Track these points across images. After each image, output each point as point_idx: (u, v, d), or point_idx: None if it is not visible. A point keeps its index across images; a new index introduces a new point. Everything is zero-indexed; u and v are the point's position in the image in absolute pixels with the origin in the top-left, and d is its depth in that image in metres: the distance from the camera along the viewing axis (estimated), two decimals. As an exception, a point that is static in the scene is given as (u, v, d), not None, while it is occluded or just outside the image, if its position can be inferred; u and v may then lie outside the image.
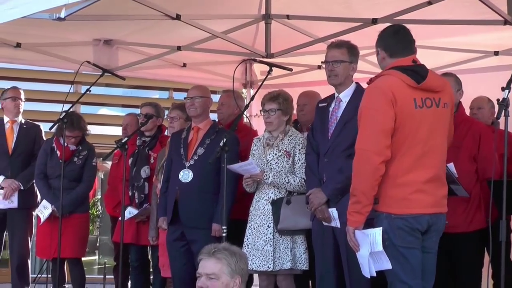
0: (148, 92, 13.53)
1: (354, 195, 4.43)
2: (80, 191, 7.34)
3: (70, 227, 7.18)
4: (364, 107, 4.46)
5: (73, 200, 7.23)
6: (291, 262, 5.68)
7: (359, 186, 4.41)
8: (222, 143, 5.39)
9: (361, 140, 4.41)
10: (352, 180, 4.43)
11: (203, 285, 4.07)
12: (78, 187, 7.32)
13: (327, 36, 7.07)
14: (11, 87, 7.86)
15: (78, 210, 7.32)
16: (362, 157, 4.39)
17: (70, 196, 7.15)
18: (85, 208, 7.55)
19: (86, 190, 7.50)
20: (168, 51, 8.08)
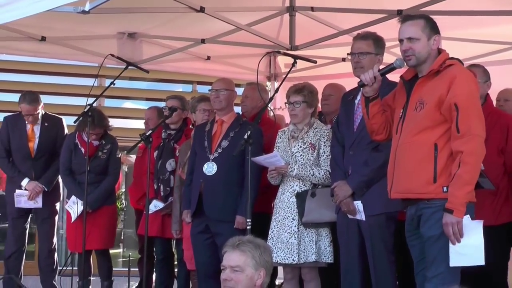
0: (172, 85, 13.53)
1: (471, 184, 4.23)
2: (107, 184, 7.38)
3: (99, 219, 7.25)
4: (467, 93, 4.31)
5: (101, 194, 7.29)
6: (315, 255, 5.66)
7: (477, 174, 4.29)
8: (247, 136, 5.37)
9: (476, 127, 4.26)
10: (470, 167, 4.20)
11: (227, 277, 4.07)
12: (104, 180, 7.36)
13: (352, 28, 7.03)
14: (26, 102, 7.52)
15: (106, 202, 7.37)
16: (482, 145, 4.27)
17: (98, 191, 7.22)
18: (113, 199, 7.59)
19: (113, 183, 7.53)
20: (192, 44, 8.08)
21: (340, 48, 7.75)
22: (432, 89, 4.36)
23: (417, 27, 4.42)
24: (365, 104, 4.67)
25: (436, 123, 4.34)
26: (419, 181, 4.35)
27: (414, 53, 4.40)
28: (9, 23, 6.10)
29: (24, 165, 7.57)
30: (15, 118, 7.73)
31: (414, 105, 4.42)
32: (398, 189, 4.48)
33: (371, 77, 4.51)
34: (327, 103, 6.58)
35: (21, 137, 7.59)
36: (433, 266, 4.36)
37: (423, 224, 4.39)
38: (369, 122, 4.74)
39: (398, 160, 4.46)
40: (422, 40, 4.40)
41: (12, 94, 12.51)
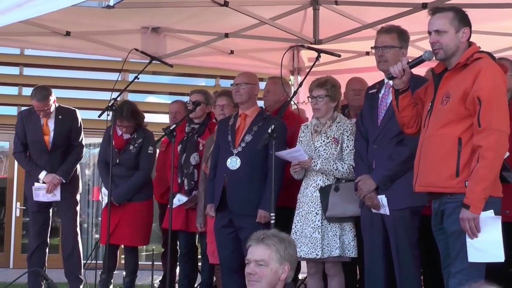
0: (195, 80, 13.57)
1: (488, 179, 4.19)
2: (136, 179, 7.39)
3: (129, 215, 7.29)
4: (491, 87, 4.26)
5: (129, 188, 7.31)
6: (339, 249, 5.65)
7: (496, 170, 4.26)
8: (271, 130, 5.37)
9: (497, 121, 4.21)
10: (488, 162, 4.16)
11: (252, 271, 4.07)
12: (135, 175, 7.39)
13: (376, 22, 6.99)
14: (36, 99, 7.49)
15: (137, 198, 7.39)
16: (502, 140, 4.23)
17: (126, 185, 7.25)
18: (146, 195, 7.56)
19: (143, 178, 7.49)
20: (216, 38, 8.08)
21: (364, 42, 7.71)
22: (458, 83, 4.33)
23: (445, 19, 4.38)
24: (395, 96, 4.66)
25: (461, 117, 4.31)
26: (442, 175, 4.33)
27: (442, 46, 4.37)
28: (34, 18, 6.16)
29: (41, 158, 7.61)
30: (29, 112, 7.77)
31: (441, 99, 4.40)
32: (422, 183, 4.48)
33: (400, 69, 4.50)
34: (359, 97, 6.55)
35: (36, 131, 7.62)
36: (456, 262, 4.35)
37: (446, 219, 4.38)
38: (399, 115, 4.72)
39: (424, 153, 4.46)
40: (450, 32, 4.37)
41: (37, 88, 12.59)
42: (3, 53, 12.49)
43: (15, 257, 12.24)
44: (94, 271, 7.53)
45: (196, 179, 7.12)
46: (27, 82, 13.06)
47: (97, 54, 9.43)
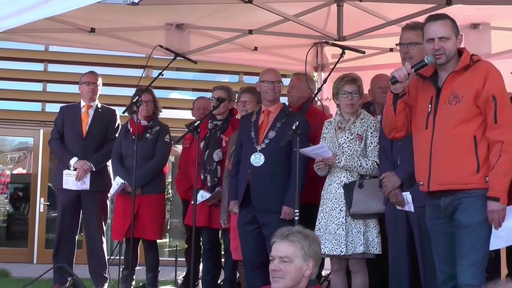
0: (218, 76, 13.57)
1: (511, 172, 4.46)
2: (152, 165, 7.40)
3: (145, 208, 7.27)
4: (502, 86, 4.55)
5: (145, 174, 7.27)
6: (363, 246, 5.65)
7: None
8: (295, 126, 5.37)
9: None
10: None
11: (276, 268, 4.08)
12: (150, 162, 7.39)
13: (400, 19, 6.97)
14: (88, 71, 7.98)
15: (152, 189, 7.39)
16: None
17: (141, 171, 7.17)
18: (160, 188, 7.60)
19: (158, 165, 7.52)
20: (240, 34, 8.09)
21: (387, 38, 7.71)
22: (467, 83, 4.52)
23: (447, 27, 4.59)
24: (393, 101, 4.70)
25: (473, 116, 4.49)
26: (463, 172, 4.46)
27: (445, 51, 4.56)
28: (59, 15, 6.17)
29: (75, 145, 7.68)
30: (71, 106, 7.95)
31: (446, 99, 4.55)
32: (440, 181, 4.54)
33: (405, 73, 4.56)
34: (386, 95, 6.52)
35: (75, 120, 7.75)
36: (470, 254, 4.46)
37: (461, 212, 4.49)
38: (394, 119, 4.77)
39: (437, 153, 4.54)
40: (452, 39, 4.60)
41: (62, 85, 12.72)
42: (28, 50, 12.59)
43: (39, 252, 12.32)
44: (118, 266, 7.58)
45: (219, 175, 7.13)
46: (51, 78, 13.17)
47: (121, 51, 9.48)
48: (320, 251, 4.25)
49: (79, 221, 7.81)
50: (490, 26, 7.50)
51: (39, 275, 4.85)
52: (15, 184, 13.40)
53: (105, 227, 7.86)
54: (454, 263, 4.58)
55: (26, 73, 13.13)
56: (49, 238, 11.95)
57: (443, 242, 4.65)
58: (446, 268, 4.65)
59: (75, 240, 7.81)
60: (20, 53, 12.67)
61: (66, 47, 10.83)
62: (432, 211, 4.70)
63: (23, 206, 13.10)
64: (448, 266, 4.62)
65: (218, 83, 8.89)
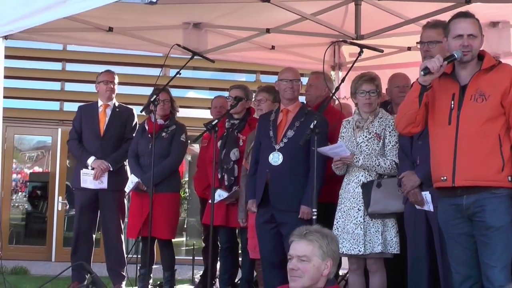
0: (235, 75, 13.58)
1: None
2: (167, 164, 7.40)
3: (159, 206, 7.24)
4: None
5: (159, 172, 7.24)
6: (382, 245, 5.63)
7: None
8: (313, 125, 5.36)
9: None
10: None
11: (294, 267, 4.07)
12: (164, 161, 7.38)
13: (418, 17, 6.96)
14: (105, 70, 8.00)
15: (166, 188, 7.37)
16: None
17: (156, 169, 7.13)
18: (174, 187, 7.61)
19: (173, 164, 7.51)
20: (257, 33, 8.08)
21: (405, 37, 7.68)
22: (494, 82, 4.56)
23: (476, 25, 4.66)
24: (420, 92, 4.68)
25: (498, 114, 4.54)
26: (491, 169, 4.49)
27: (472, 49, 4.61)
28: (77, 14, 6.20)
29: (92, 144, 7.70)
30: (88, 106, 7.99)
31: (471, 96, 4.57)
32: (467, 177, 4.53)
33: (438, 65, 4.55)
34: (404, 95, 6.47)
35: (93, 119, 7.77)
36: (504, 255, 4.48)
37: (490, 214, 4.47)
38: (415, 113, 4.76)
39: (464, 149, 4.53)
40: (479, 38, 4.66)
41: (79, 84, 12.78)
42: (46, 49, 12.67)
43: (57, 250, 12.39)
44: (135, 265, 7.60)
45: (236, 174, 7.13)
46: (69, 77, 13.23)
47: (139, 50, 9.50)
48: (338, 250, 4.25)
49: (97, 219, 7.83)
50: (510, 24, 7.47)
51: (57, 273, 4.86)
52: (34, 182, 13.49)
53: (122, 225, 7.87)
54: (471, 263, 4.59)
55: (44, 72, 13.20)
56: (67, 236, 12.00)
57: (460, 243, 4.64)
58: (463, 270, 4.64)
59: (93, 239, 7.83)
60: (38, 52, 12.75)
61: (84, 46, 10.87)
62: (449, 211, 4.67)
63: (41, 205, 13.18)
64: (465, 267, 4.63)
65: (235, 82, 8.86)
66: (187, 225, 13.58)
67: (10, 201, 12.91)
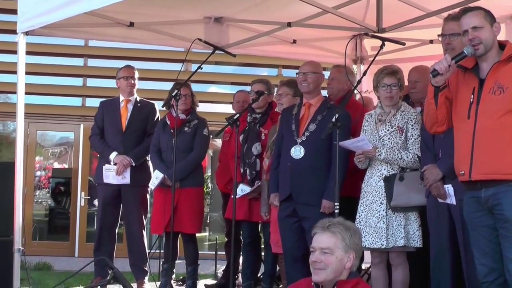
0: (257, 70, 13.58)
1: None
2: (191, 158, 7.38)
3: (184, 201, 7.26)
4: None
5: (183, 167, 7.25)
6: (404, 239, 5.60)
7: None
8: (334, 119, 5.34)
9: None
10: None
11: (317, 259, 4.06)
12: (189, 155, 7.37)
13: (440, 10, 6.89)
14: (125, 65, 8.02)
15: (191, 183, 7.37)
16: None
17: (180, 164, 7.14)
18: (199, 181, 7.58)
19: (197, 158, 7.50)
20: (278, 27, 8.05)
21: (427, 30, 7.61)
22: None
23: (479, 16, 4.58)
24: (434, 94, 4.68)
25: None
26: (507, 162, 4.43)
27: (481, 40, 4.54)
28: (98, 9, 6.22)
29: (114, 139, 7.72)
30: (110, 101, 8.02)
31: (490, 89, 4.52)
32: (484, 171, 4.49)
33: (445, 66, 4.55)
34: (415, 90, 6.41)
35: (114, 114, 7.81)
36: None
37: (508, 207, 4.43)
38: (435, 113, 4.75)
39: (481, 142, 4.50)
40: (486, 27, 4.57)
41: (101, 79, 12.83)
42: (68, 45, 12.74)
43: (80, 246, 12.47)
44: (158, 260, 7.61)
45: (258, 168, 7.11)
46: (91, 73, 13.30)
47: (160, 45, 9.49)
48: (361, 243, 4.23)
49: (119, 215, 7.86)
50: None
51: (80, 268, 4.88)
52: (57, 178, 13.57)
53: (145, 221, 7.88)
54: (495, 256, 4.54)
55: (66, 68, 13.28)
56: (90, 232, 12.06)
57: (484, 235, 4.60)
58: (487, 261, 4.60)
59: (115, 234, 7.86)
60: (60, 48, 12.84)
61: (105, 42, 10.92)
62: (471, 204, 4.65)
63: (64, 201, 13.27)
64: (489, 258, 4.58)
65: (257, 77, 8.86)
66: (209, 220, 13.61)
67: (33, 197, 13.01)
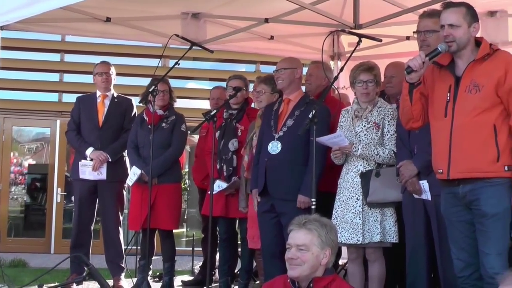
0: (235, 66, 13.57)
1: None
2: (168, 154, 7.36)
3: (161, 197, 7.24)
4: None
5: (161, 162, 7.23)
6: (380, 235, 5.62)
7: None
8: (311, 115, 5.35)
9: None
10: None
11: (293, 256, 4.06)
12: (167, 151, 7.35)
13: (417, 6, 6.92)
14: (100, 61, 7.98)
15: (168, 179, 7.35)
16: None
17: (158, 160, 7.15)
18: (176, 177, 7.57)
19: (175, 154, 7.48)
20: (256, 23, 8.04)
21: (404, 26, 7.66)
22: (488, 72, 4.53)
23: (459, 14, 4.59)
24: (409, 90, 4.71)
25: (493, 105, 4.51)
26: (485, 160, 4.48)
27: (455, 39, 4.57)
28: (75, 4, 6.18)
29: (91, 135, 7.68)
30: (87, 97, 7.98)
31: (466, 88, 4.56)
32: (461, 169, 4.55)
33: (419, 62, 4.58)
34: (391, 85, 6.43)
35: (91, 110, 7.76)
36: (499, 243, 4.51)
37: (485, 202, 4.49)
38: (410, 109, 4.78)
39: (458, 141, 4.55)
40: (463, 27, 4.59)
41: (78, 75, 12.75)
42: (44, 40, 12.63)
43: (56, 242, 12.38)
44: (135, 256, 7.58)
45: (235, 165, 7.11)
46: (68, 68, 13.21)
47: (137, 40, 9.47)
48: (337, 240, 4.24)
49: (95, 211, 7.83)
50: (508, 13, 7.44)
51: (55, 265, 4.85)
52: (33, 174, 13.45)
53: (121, 217, 7.86)
54: (472, 251, 4.59)
55: (43, 63, 13.19)
56: (67, 228, 11.98)
57: (461, 230, 4.65)
58: (463, 256, 4.65)
59: (91, 230, 7.82)
60: (36, 43, 12.74)
61: (82, 37, 10.86)
62: (449, 199, 4.69)
63: (40, 197, 13.16)
64: (466, 253, 4.63)
65: (235, 73, 8.83)
66: (187, 216, 13.58)
67: (9, 193, 12.90)
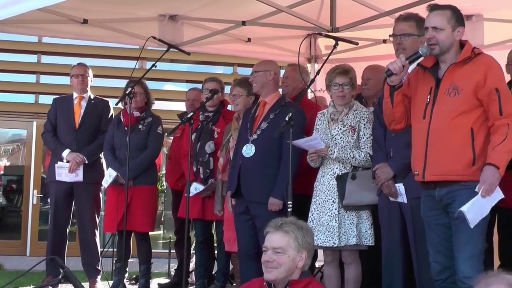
0: (213, 68, 13.57)
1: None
2: (145, 156, 7.34)
3: (137, 199, 7.22)
4: (503, 79, 4.64)
5: (137, 164, 7.22)
6: (356, 237, 5.64)
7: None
8: (288, 118, 5.35)
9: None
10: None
11: (269, 259, 4.06)
12: (143, 153, 7.34)
13: (393, 10, 6.96)
14: (77, 63, 7.95)
15: (144, 181, 7.33)
16: None
17: (134, 162, 7.13)
18: (152, 179, 7.55)
19: (151, 156, 7.46)
20: (233, 26, 8.06)
21: (381, 29, 7.68)
22: (467, 76, 4.52)
23: (443, 17, 4.57)
24: (390, 93, 4.71)
25: (471, 108, 4.50)
26: (460, 163, 4.47)
27: (438, 42, 4.55)
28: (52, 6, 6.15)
29: (67, 136, 7.65)
30: (63, 98, 7.94)
31: (445, 90, 4.56)
32: (437, 172, 4.55)
33: (399, 66, 4.57)
34: (366, 87, 6.46)
35: (68, 111, 7.73)
36: (469, 246, 4.49)
37: (459, 205, 4.44)
38: (392, 111, 4.78)
39: (434, 143, 4.55)
40: (447, 30, 4.57)
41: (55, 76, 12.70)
42: (21, 41, 12.56)
43: (32, 244, 12.30)
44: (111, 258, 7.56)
45: (212, 167, 7.11)
46: (44, 70, 13.15)
47: (114, 42, 9.45)
48: (313, 242, 4.24)
49: (71, 213, 7.79)
50: (483, 17, 7.49)
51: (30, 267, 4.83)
52: (8, 176, 13.38)
53: (98, 219, 7.83)
54: (449, 254, 4.59)
55: (19, 64, 13.12)
56: (43, 230, 11.92)
57: (438, 233, 4.66)
58: (440, 259, 4.65)
59: (67, 232, 7.79)
60: (13, 44, 12.66)
61: (59, 39, 10.81)
62: (427, 202, 4.71)
63: (16, 198, 13.08)
64: (443, 257, 4.64)
65: (212, 75, 8.82)
66: (163, 218, 13.55)
67: (-16, 195, 12.84)
